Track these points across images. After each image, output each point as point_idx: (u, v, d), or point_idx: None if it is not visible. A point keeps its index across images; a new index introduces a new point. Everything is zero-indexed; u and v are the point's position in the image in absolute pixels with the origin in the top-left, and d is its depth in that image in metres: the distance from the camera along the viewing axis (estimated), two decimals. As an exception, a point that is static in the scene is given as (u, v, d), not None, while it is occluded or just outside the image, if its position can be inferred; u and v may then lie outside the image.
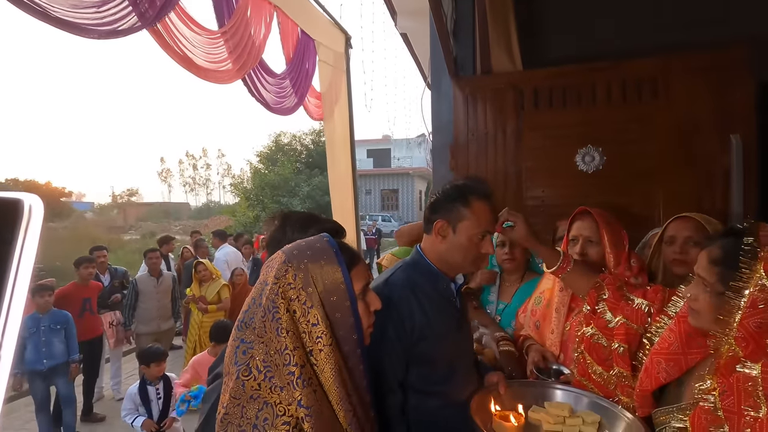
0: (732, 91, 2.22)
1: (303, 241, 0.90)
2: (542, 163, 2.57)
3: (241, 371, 0.78)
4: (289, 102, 2.79)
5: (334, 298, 0.83)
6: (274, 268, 0.84)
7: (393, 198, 28.66)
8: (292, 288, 0.82)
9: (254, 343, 0.80)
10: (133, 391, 2.86)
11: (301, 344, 0.80)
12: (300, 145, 18.71)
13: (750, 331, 0.81)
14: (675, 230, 1.57)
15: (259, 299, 0.83)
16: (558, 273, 1.39)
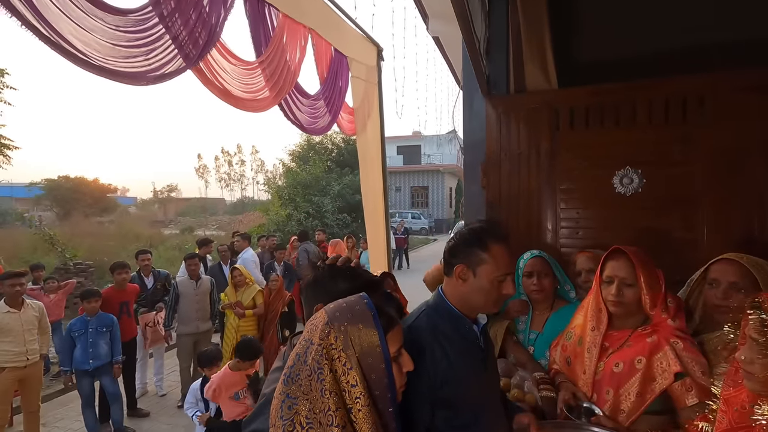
0: (785, 113, 2.08)
1: (344, 301, 0.96)
2: (577, 185, 2.51)
3: (286, 426, 0.84)
4: (323, 121, 2.84)
5: (370, 360, 0.89)
6: (318, 329, 0.91)
7: (423, 195, 28.55)
8: (335, 349, 0.88)
9: (299, 399, 0.86)
10: (196, 387, 3.08)
11: (343, 404, 0.85)
12: (331, 144, 18.91)
13: None
14: (718, 273, 1.51)
15: (304, 356, 0.89)
16: None
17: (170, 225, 25.71)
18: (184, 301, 4.70)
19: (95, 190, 24.73)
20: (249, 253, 6.18)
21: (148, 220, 24.46)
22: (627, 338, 1.52)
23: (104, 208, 24.33)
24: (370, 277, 1.22)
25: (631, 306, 1.52)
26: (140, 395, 4.90)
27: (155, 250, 11.67)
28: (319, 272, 1.20)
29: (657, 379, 1.40)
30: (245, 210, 29.51)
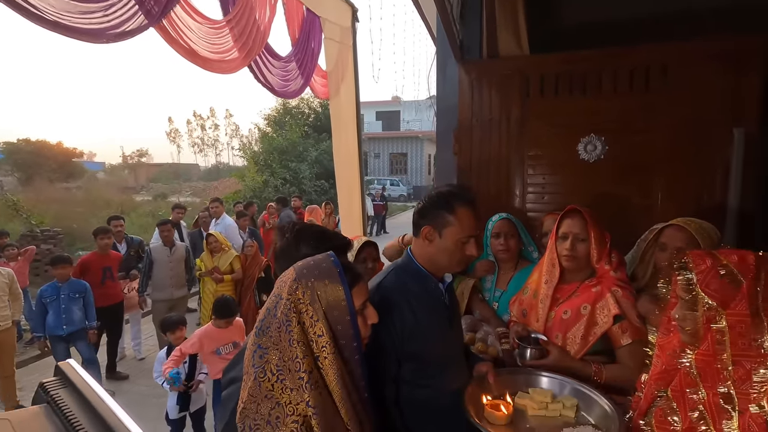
0: (739, 83, 2.18)
1: (312, 259, 1.02)
2: (545, 151, 2.59)
3: (258, 373, 0.92)
4: (295, 84, 2.79)
5: (336, 312, 0.96)
6: (287, 285, 0.97)
7: (402, 162, 28.43)
8: (302, 303, 0.95)
9: (269, 349, 0.93)
10: (162, 356, 3.10)
11: (310, 352, 0.93)
12: (308, 108, 18.42)
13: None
14: (668, 238, 1.63)
15: (274, 311, 0.96)
16: (599, 380, 1.49)
17: (142, 191, 24.96)
18: (158, 267, 4.68)
19: (59, 155, 23.56)
20: (229, 219, 6.12)
21: (118, 186, 23.61)
22: (575, 290, 1.66)
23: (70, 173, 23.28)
24: (338, 243, 1.26)
25: (582, 260, 1.64)
26: (119, 359, 4.95)
27: (127, 216, 11.37)
28: (286, 240, 1.24)
29: (599, 323, 1.54)
30: (220, 176, 28.83)
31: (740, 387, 0.81)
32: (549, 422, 1.26)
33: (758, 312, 0.79)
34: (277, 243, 1.30)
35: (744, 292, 0.80)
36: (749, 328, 0.79)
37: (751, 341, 0.79)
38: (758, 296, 0.79)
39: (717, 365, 0.84)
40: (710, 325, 0.84)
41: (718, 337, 0.83)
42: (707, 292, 0.84)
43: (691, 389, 0.90)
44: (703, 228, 1.59)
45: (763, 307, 0.79)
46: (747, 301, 0.80)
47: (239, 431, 0.91)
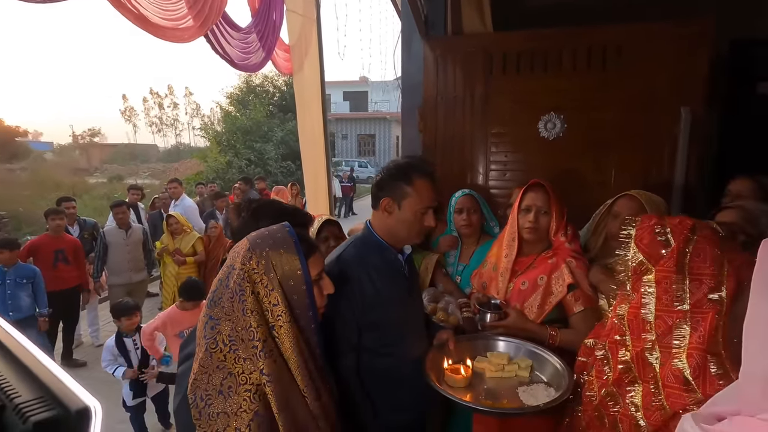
0: (687, 64, 2.29)
1: (266, 230, 1.01)
2: (507, 129, 2.64)
3: (209, 344, 0.91)
4: (256, 57, 2.69)
5: (291, 282, 0.95)
6: (240, 255, 0.95)
7: (370, 143, 28.22)
8: (256, 273, 0.93)
9: (221, 320, 0.92)
10: (111, 344, 2.97)
11: (264, 321, 0.92)
12: (273, 87, 17.85)
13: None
14: (620, 207, 1.72)
15: (226, 281, 0.94)
16: (552, 343, 1.55)
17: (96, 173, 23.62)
18: (113, 251, 4.47)
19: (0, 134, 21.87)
20: (189, 201, 5.92)
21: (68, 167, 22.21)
22: (533, 261, 1.72)
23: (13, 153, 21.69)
24: (299, 219, 1.22)
25: (542, 232, 1.71)
26: (76, 346, 4.75)
27: (80, 199, 10.77)
28: (243, 218, 1.20)
29: (554, 292, 1.62)
30: (181, 157, 27.66)
31: (662, 340, 0.87)
32: (505, 383, 1.33)
33: (684, 272, 0.85)
34: (232, 222, 1.26)
35: (673, 251, 0.86)
36: (673, 285, 0.85)
37: (674, 299, 0.86)
38: (686, 257, 0.85)
39: (642, 317, 0.90)
40: (640, 278, 0.90)
41: (646, 290, 0.89)
42: (639, 246, 0.90)
43: (620, 336, 0.97)
44: (652, 199, 1.68)
45: (689, 268, 0.85)
46: (674, 259, 0.86)
47: (190, 402, 0.89)
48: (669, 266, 0.86)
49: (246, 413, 0.87)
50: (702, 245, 0.85)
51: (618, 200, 1.79)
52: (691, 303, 0.84)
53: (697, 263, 0.84)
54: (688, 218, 0.95)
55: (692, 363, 0.82)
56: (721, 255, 0.83)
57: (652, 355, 0.89)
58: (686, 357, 0.83)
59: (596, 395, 1.02)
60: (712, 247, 0.85)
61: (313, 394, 0.95)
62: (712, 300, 0.81)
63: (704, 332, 0.80)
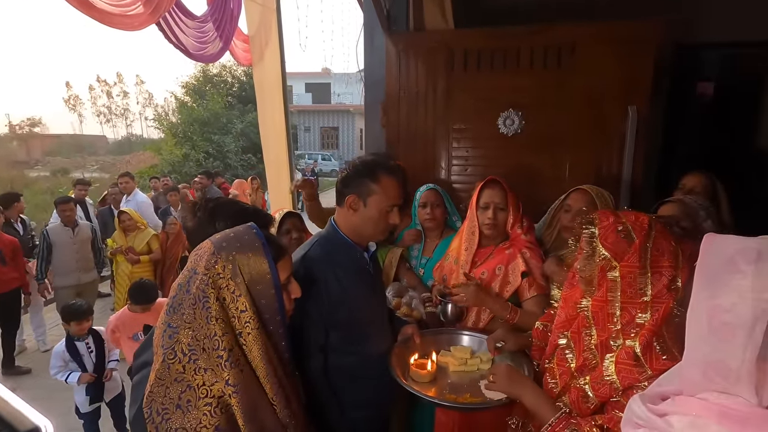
0: (634, 65, 2.42)
1: (231, 231, 0.96)
2: (468, 125, 2.69)
3: (167, 354, 0.85)
4: (213, 48, 2.58)
5: (260, 287, 0.92)
6: (204, 258, 0.90)
7: (333, 136, 27.93)
8: (222, 278, 0.89)
9: (180, 328, 0.86)
10: (60, 349, 2.80)
11: (230, 329, 0.88)
12: (231, 77, 17.27)
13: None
14: (572, 200, 1.81)
15: (187, 286, 0.89)
16: (510, 320, 1.61)
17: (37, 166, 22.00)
18: (59, 251, 4.19)
19: (-77, 123, 19.86)
20: (142, 196, 5.64)
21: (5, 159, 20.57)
22: (491, 252, 1.79)
23: (-60, 144, 19.79)
24: (260, 221, 1.18)
25: (501, 227, 1.77)
26: (18, 353, 4.44)
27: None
28: (199, 219, 1.14)
29: (511, 281, 1.69)
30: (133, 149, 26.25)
31: (625, 328, 0.94)
32: (468, 376, 1.37)
33: (646, 266, 0.91)
34: (187, 221, 1.16)
35: (636, 247, 0.92)
36: (637, 279, 0.92)
37: (637, 291, 0.92)
38: (648, 252, 0.92)
39: (608, 310, 0.96)
40: (605, 274, 0.96)
41: (611, 285, 0.95)
42: (604, 245, 0.95)
43: (585, 330, 1.03)
44: (601, 193, 1.79)
45: (651, 262, 0.92)
46: (638, 255, 0.92)
47: (146, 417, 0.84)
48: (633, 262, 0.92)
49: (206, 429, 0.83)
50: (659, 240, 0.92)
51: (570, 194, 1.88)
52: (652, 294, 0.90)
53: (656, 257, 0.91)
54: (642, 214, 1.01)
55: (642, 341, 0.89)
56: (676, 247, 0.90)
57: (616, 342, 0.95)
58: (639, 337, 0.90)
59: (558, 382, 1.07)
60: (668, 241, 0.92)
61: (283, 401, 0.93)
62: (671, 289, 0.88)
63: (659, 317, 0.87)
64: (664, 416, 0.57)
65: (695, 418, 0.53)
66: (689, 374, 0.56)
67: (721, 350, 0.52)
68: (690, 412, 0.54)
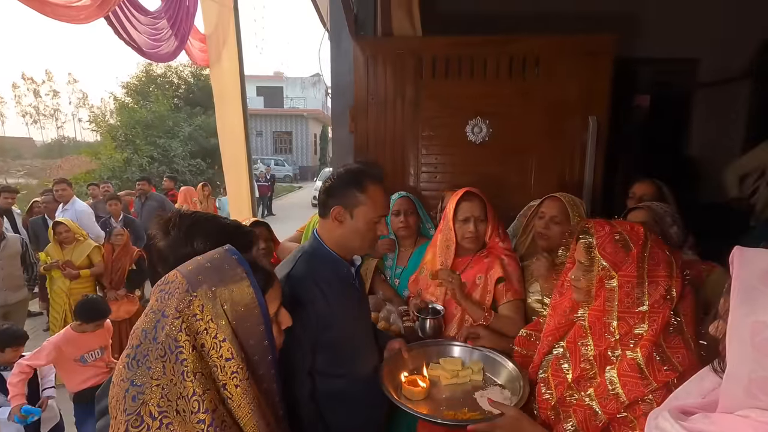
0: (593, 77, 2.53)
1: (207, 260, 0.80)
2: (437, 132, 2.70)
3: (131, 422, 0.69)
4: (168, 46, 2.40)
5: (247, 324, 0.78)
6: (175, 297, 0.75)
7: (286, 141, 27.36)
8: (200, 320, 0.74)
9: (146, 386, 0.71)
10: None
11: (212, 385, 0.74)
12: (177, 78, 16.40)
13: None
14: (545, 208, 1.83)
15: (153, 333, 0.73)
16: (485, 321, 1.60)
17: (-51, 171, 19.64)
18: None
19: None
20: (82, 204, 5.16)
21: None
22: (470, 262, 1.78)
23: None
24: (243, 240, 1.03)
25: (482, 239, 1.76)
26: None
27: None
28: (173, 237, 0.98)
29: (491, 290, 1.69)
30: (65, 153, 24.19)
31: (623, 339, 0.94)
32: (461, 388, 1.34)
33: (643, 276, 0.92)
34: (158, 240, 1.00)
35: (633, 256, 0.93)
36: (634, 289, 0.92)
37: (635, 301, 0.92)
38: (645, 262, 0.92)
39: (605, 320, 0.96)
40: (603, 284, 0.96)
41: (609, 294, 0.95)
42: (603, 254, 0.95)
43: (582, 341, 1.02)
44: (573, 200, 1.83)
45: (648, 272, 0.92)
46: (635, 264, 0.92)
47: None
48: (630, 271, 0.92)
49: None
50: (655, 249, 0.93)
51: (543, 202, 1.91)
52: (649, 304, 0.90)
53: (653, 267, 0.92)
54: (635, 224, 1.02)
55: (644, 353, 0.89)
56: (670, 257, 0.91)
57: (614, 353, 0.95)
58: (640, 348, 0.89)
59: (553, 393, 1.06)
60: (663, 250, 0.93)
61: None
62: (666, 299, 0.89)
63: (657, 327, 0.88)
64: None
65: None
66: (731, 391, 0.55)
67: (765, 367, 0.51)
68: (732, 430, 0.53)
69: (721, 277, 1.60)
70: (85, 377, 2.62)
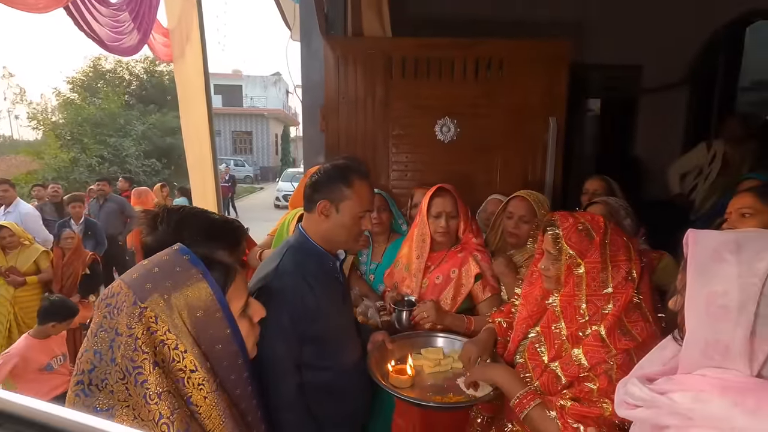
0: (552, 81, 2.69)
1: (154, 264, 0.73)
2: (407, 131, 2.76)
3: None
4: (131, 40, 2.31)
5: (211, 330, 0.72)
6: (123, 312, 0.68)
7: (246, 141, 26.68)
8: (154, 332, 0.68)
9: (116, 408, 0.65)
10: None
11: (181, 401, 0.68)
12: (128, 74, 15.60)
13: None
14: (513, 207, 1.93)
15: (110, 354, 0.67)
16: (467, 329, 1.66)
17: None
18: None
19: None
20: (27, 206, 4.82)
21: None
22: (444, 256, 1.84)
23: None
24: (234, 236, 1.02)
25: (454, 234, 1.83)
26: None
27: None
28: (161, 232, 0.95)
29: (465, 283, 1.76)
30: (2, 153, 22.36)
31: (592, 318, 1.03)
32: (443, 376, 1.40)
33: (606, 261, 1.02)
34: (145, 235, 0.97)
35: (596, 244, 1.02)
36: (600, 274, 1.02)
37: (600, 284, 1.02)
38: (607, 248, 1.02)
39: (575, 303, 1.05)
40: (571, 271, 1.05)
41: (577, 280, 1.04)
42: (569, 244, 1.04)
43: (555, 325, 1.11)
44: (539, 199, 1.94)
45: (610, 257, 1.02)
46: (599, 251, 1.02)
47: None
48: (595, 258, 1.02)
49: None
50: (614, 236, 1.03)
51: (511, 201, 2.02)
52: (613, 286, 1.00)
53: (614, 252, 1.02)
54: (595, 215, 1.12)
55: (607, 326, 0.99)
56: (627, 242, 1.02)
57: (585, 333, 1.04)
58: (603, 323, 0.99)
59: (532, 376, 1.14)
60: (621, 237, 1.03)
61: None
62: (628, 281, 0.99)
63: (620, 305, 0.97)
64: (665, 394, 0.64)
65: (698, 392, 0.59)
66: (689, 354, 0.63)
67: (718, 331, 0.60)
68: (692, 388, 0.61)
69: (670, 263, 1.77)
70: (52, 386, 2.49)
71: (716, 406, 0.56)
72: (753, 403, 0.54)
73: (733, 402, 0.55)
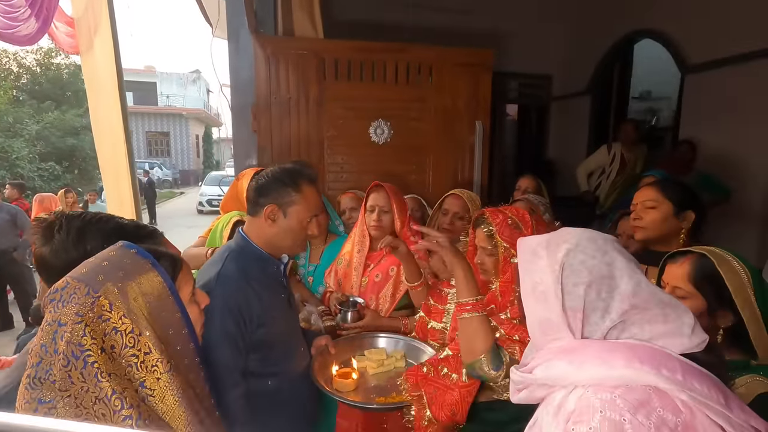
0: (477, 86, 2.87)
1: (102, 260, 0.76)
2: (342, 133, 2.77)
3: None
4: (28, 27, 2.04)
5: (163, 314, 0.77)
6: (73, 303, 0.70)
7: (163, 142, 24.77)
8: (107, 320, 0.71)
9: (56, 400, 0.67)
10: None
11: (129, 384, 0.71)
12: (18, 66, 13.73)
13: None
14: (448, 205, 2.03)
15: (53, 345, 0.69)
16: (405, 329, 1.71)
17: None
18: None
19: None
20: None
21: None
22: (383, 255, 1.89)
23: None
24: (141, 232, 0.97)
25: (387, 229, 1.89)
26: None
27: None
28: (59, 242, 0.88)
29: (403, 281, 1.81)
30: None
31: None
32: (386, 375, 1.44)
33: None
34: (38, 247, 0.89)
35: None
36: None
37: None
38: None
39: (514, 286, 1.14)
40: (508, 261, 1.14)
41: (514, 269, 1.13)
42: (503, 238, 1.13)
43: (495, 307, 1.20)
44: (471, 196, 2.07)
45: None
46: None
47: None
48: None
49: None
50: (540, 227, 1.14)
51: (446, 198, 2.13)
52: None
53: None
54: (519, 209, 1.23)
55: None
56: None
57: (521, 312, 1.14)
58: None
59: None
60: (544, 227, 1.14)
61: None
62: None
63: None
64: (532, 372, 0.75)
65: (547, 362, 0.71)
66: (533, 334, 0.77)
67: (544, 310, 0.71)
68: (543, 359, 0.72)
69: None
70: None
71: (558, 368, 0.67)
72: (579, 359, 0.66)
73: (568, 361, 0.66)
